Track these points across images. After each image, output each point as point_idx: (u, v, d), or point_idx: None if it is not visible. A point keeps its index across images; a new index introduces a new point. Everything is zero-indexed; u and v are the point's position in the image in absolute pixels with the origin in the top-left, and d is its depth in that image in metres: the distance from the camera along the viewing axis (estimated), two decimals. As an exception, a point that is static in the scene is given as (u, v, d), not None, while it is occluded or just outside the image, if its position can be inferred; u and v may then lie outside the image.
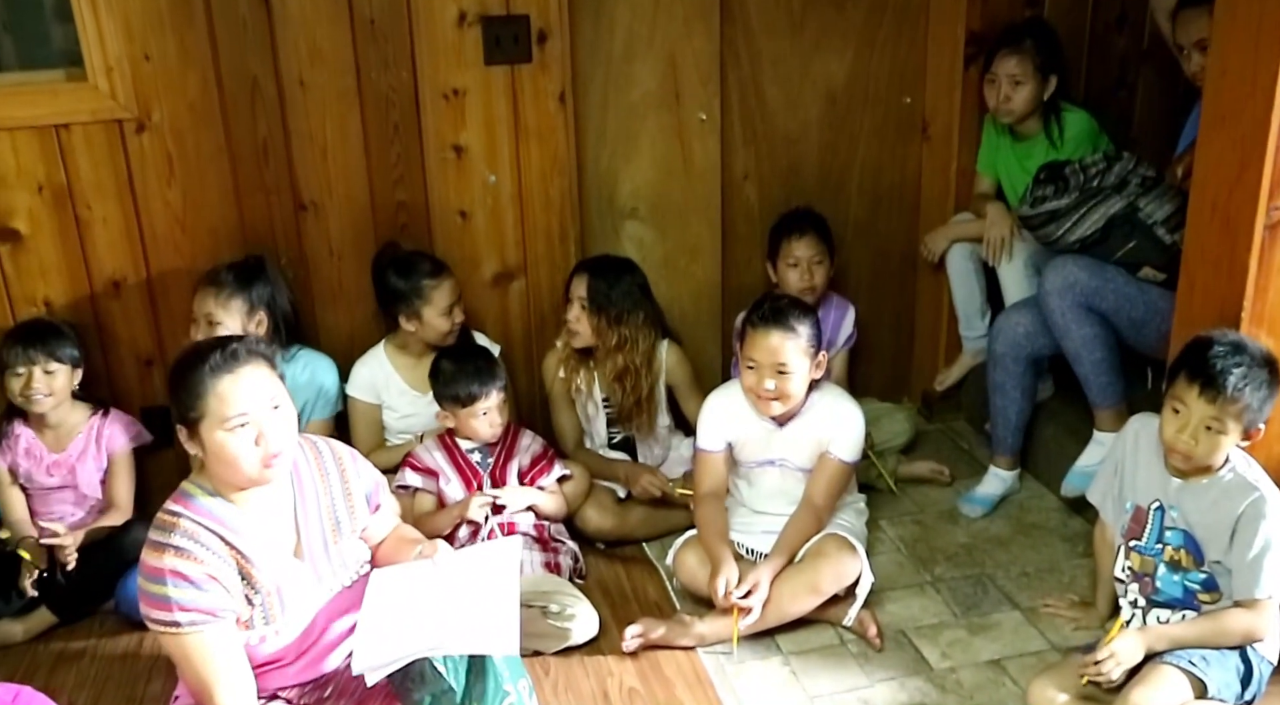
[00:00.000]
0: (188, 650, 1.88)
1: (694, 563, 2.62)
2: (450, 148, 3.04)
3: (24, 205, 2.84)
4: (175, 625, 1.86)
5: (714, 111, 3.24)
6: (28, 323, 2.81)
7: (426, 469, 2.78)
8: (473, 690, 2.04)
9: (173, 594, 1.85)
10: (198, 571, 1.87)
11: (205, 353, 1.91)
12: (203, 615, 1.87)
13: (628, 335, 2.93)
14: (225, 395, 1.88)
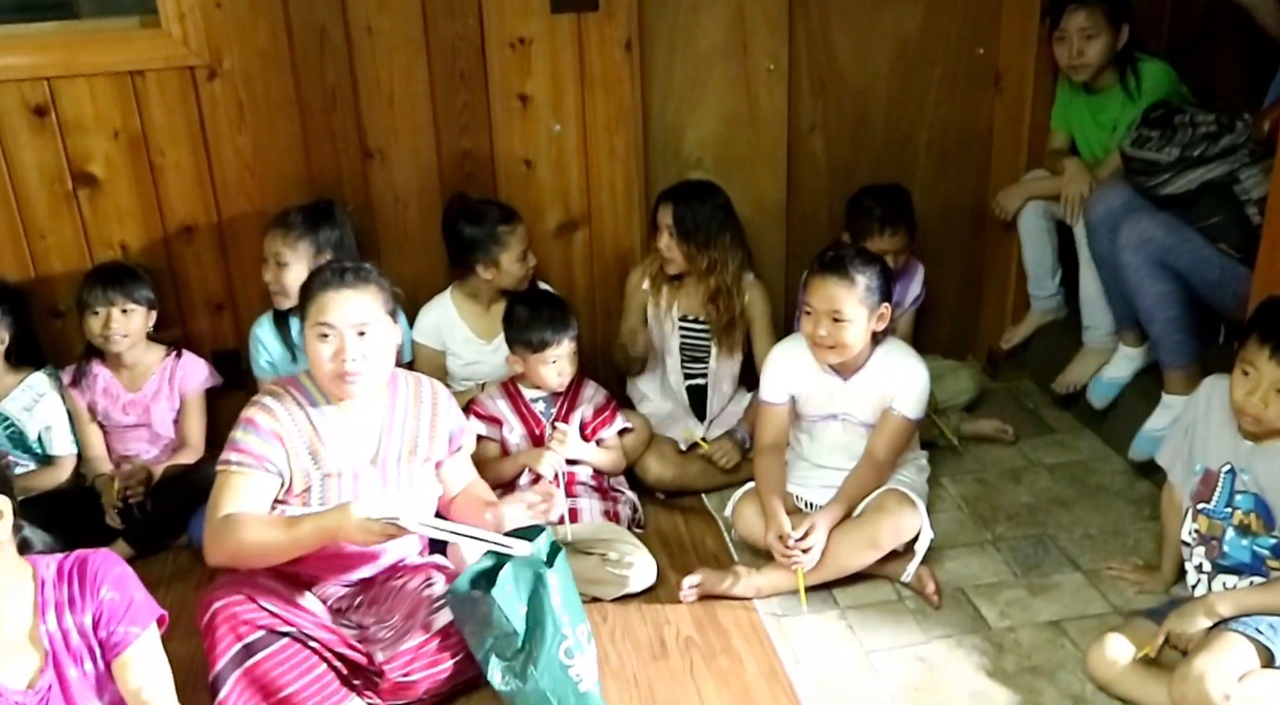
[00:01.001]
0: (224, 486, 2.11)
1: (752, 515, 2.63)
2: (516, 96, 3.04)
3: (101, 151, 2.89)
4: (227, 462, 2.12)
5: (781, 62, 3.19)
6: (106, 265, 2.88)
7: (490, 416, 2.81)
8: (532, 634, 2.09)
9: (239, 436, 2.14)
10: (269, 424, 2.15)
11: (330, 266, 2.23)
12: (253, 460, 2.11)
13: (717, 258, 2.93)
14: (321, 304, 2.15)
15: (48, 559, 1.80)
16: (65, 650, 1.76)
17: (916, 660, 2.35)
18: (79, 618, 1.76)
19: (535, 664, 2.08)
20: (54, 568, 1.79)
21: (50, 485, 2.83)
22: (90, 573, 1.78)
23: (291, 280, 2.78)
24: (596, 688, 2.16)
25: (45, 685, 1.74)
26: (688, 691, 2.28)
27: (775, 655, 2.37)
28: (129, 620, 1.78)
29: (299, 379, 2.25)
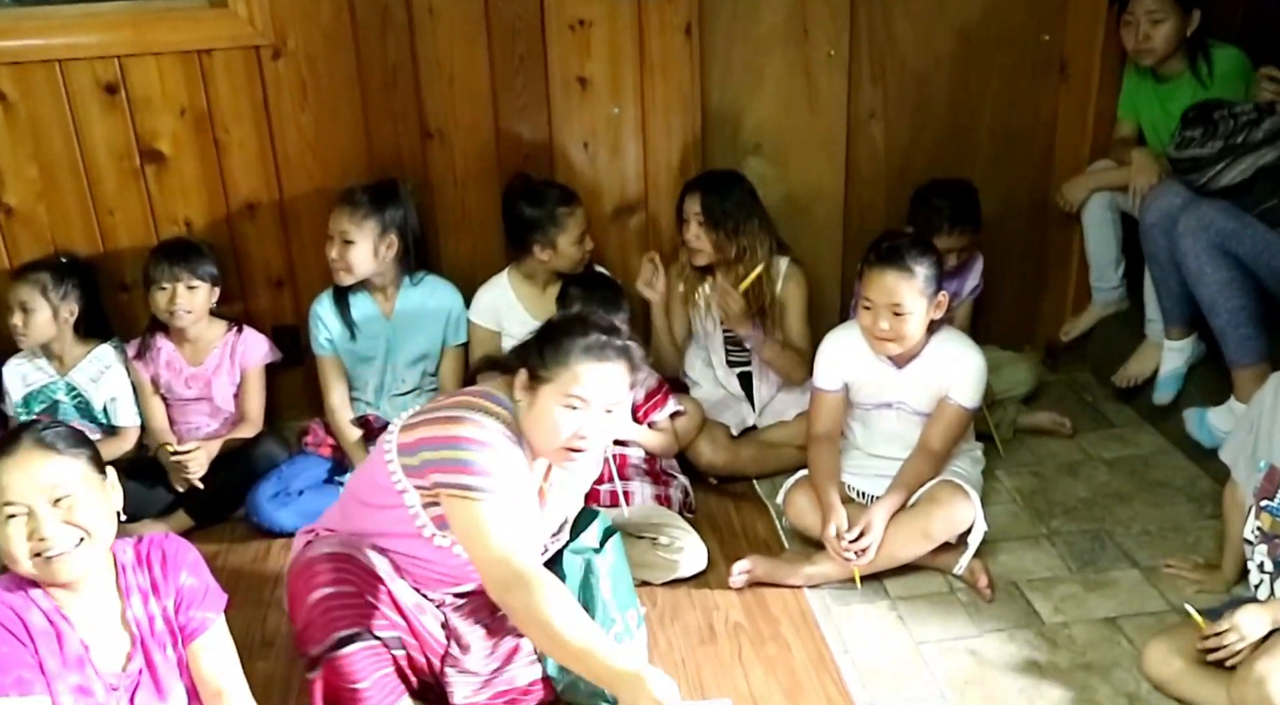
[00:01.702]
0: (482, 518, 1.88)
1: (804, 503, 2.62)
2: (575, 79, 3.04)
3: (167, 128, 2.95)
4: (467, 489, 1.88)
5: (842, 47, 3.16)
6: (172, 241, 2.94)
7: None
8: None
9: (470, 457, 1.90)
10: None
11: (589, 328, 1.96)
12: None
13: (746, 245, 2.91)
14: (580, 376, 1.92)
15: (121, 543, 1.80)
16: (150, 635, 1.78)
17: (967, 653, 2.33)
18: (162, 602, 1.78)
19: None
20: (131, 552, 1.80)
21: (114, 455, 2.88)
22: (170, 559, 1.80)
23: (356, 258, 2.82)
24: None
25: (136, 669, 1.76)
26: (735, 677, 2.28)
27: (824, 643, 2.36)
28: (205, 606, 1.81)
29: (499, 404, 1.99)
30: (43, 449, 1.67)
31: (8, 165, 2.91)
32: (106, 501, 1.74)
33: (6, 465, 1.65)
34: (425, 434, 1.94)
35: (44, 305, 2.80)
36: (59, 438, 1.70)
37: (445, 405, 1.99)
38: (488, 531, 1.86)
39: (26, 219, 2.97)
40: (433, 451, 1.91)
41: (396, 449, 1.98)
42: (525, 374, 1.97)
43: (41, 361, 2.90)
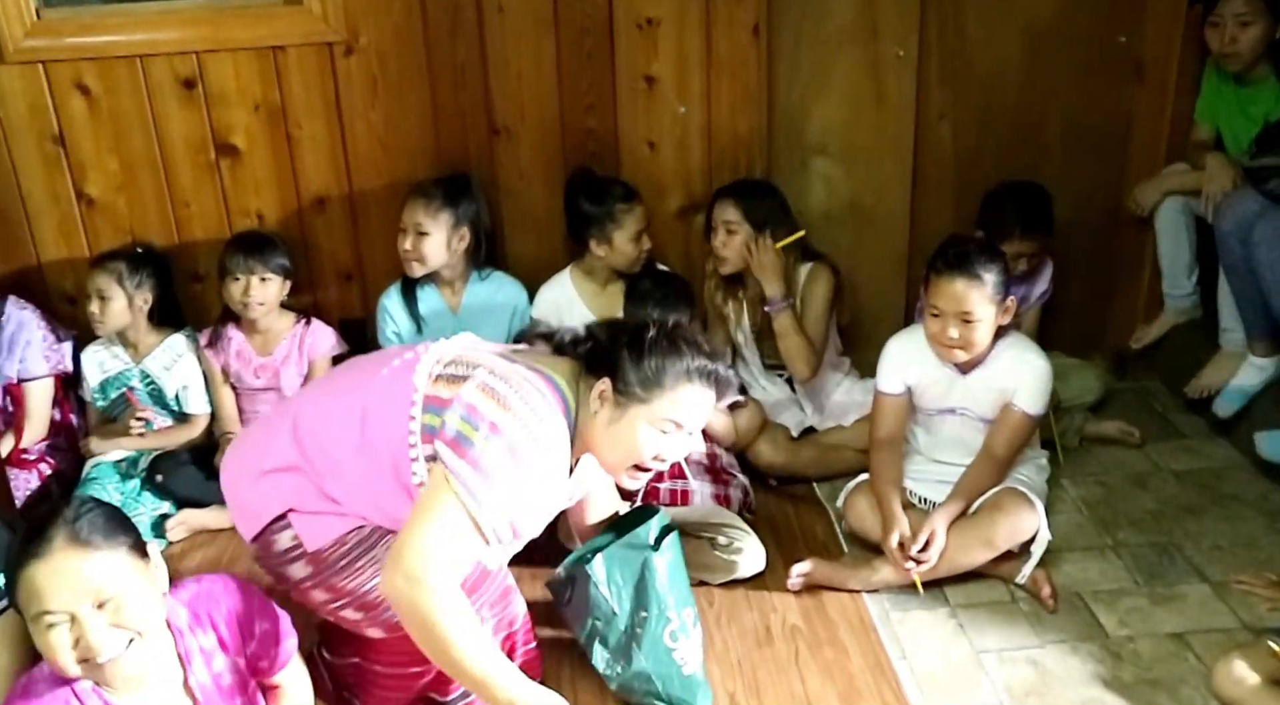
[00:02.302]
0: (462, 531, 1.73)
1: (865, 507, 2.60)
2: (642, 77, 3.04)
3: (242, 123, 3.00)
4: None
5: (911, 47, 3.13)
6: (247, 233, 2.99)
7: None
8: (635, 616, 2.10)
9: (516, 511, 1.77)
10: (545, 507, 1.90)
11: (693, 352, 1.87)
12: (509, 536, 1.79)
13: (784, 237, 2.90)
14: (680, 403, 1.85)
15: (172, 604, 1.66)
16: (217, 694, 1.69)
17: (1028, 664, 2.29)
18: (231, 657, 1.70)
19: (639, 645, 2.10)
20: (185, 615, 1.67)
21: (184, 441, 2.96)
22: (234, 612, 1.70)
23: (429, 249, 2.85)
24: (701, 672, 2.17)
25: None
26: (791, 680, 2.27)
27: (882, 649, 2.34)
28: (284, 638, 1.79)
29: (562, 396, 1.86)
30: (79, 547, 1.48)
31: (90, 158, 3.00)
32: (154, 590, 1.59)
33: (41, 570, 1.47)
34: (478, 404, 1.75)
35: (119, 293, 2.87)
36: (95, 529, 1.51)
37: (513, 384, 1.78)
38: (431, 535, 1.69)
39: (107, 210, 3.05)
40: (469, 427, 1.73)
41: (423, 403, 1.80)
42: (609, 385, 1.85)
43: (117, 349, 2.98)
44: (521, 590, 2.48)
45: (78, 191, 3.04)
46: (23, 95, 2.92)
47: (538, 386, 1.81)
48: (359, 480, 1.84)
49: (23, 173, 2.99)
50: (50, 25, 2.90)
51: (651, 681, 2.11)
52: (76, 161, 3.00)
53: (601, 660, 2.14)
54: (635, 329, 1.92)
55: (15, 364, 2.89)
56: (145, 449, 2.91)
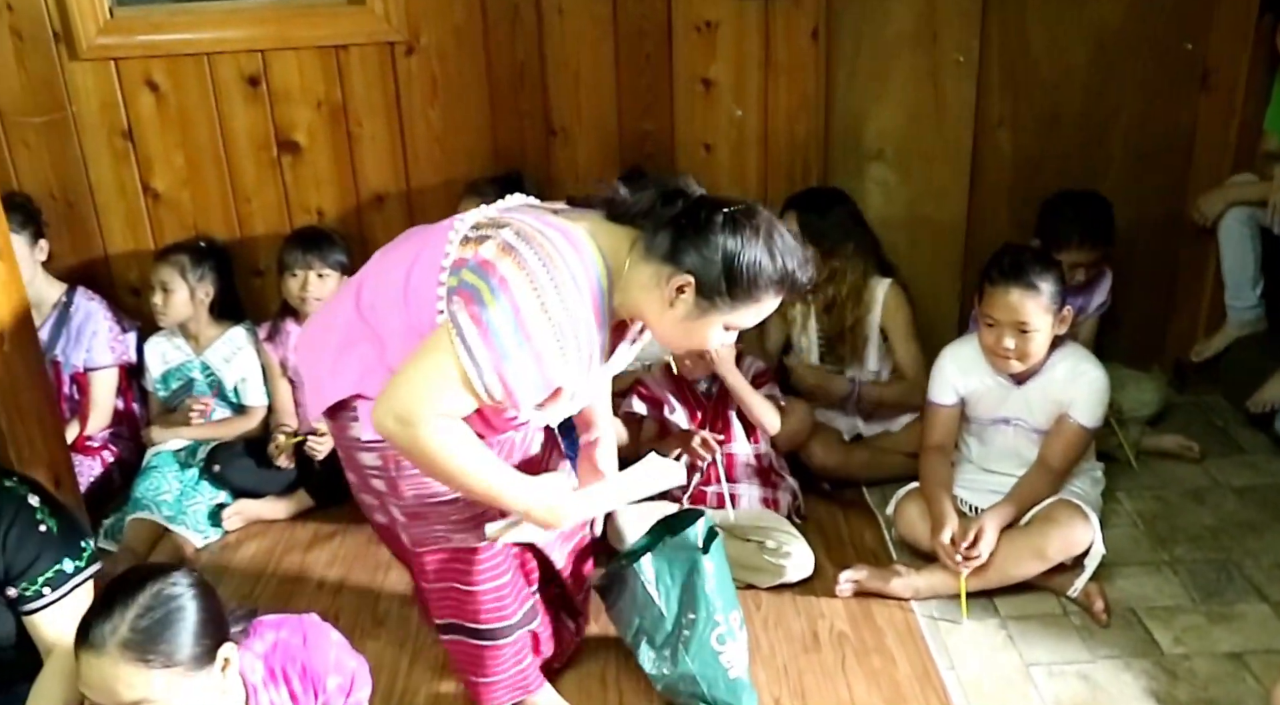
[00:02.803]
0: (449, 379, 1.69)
1: (915, 514, 2.58)
2: (699, 80, 3.05)
3: (304, 120, 3.06)
4: (477, 370, 1.68)
5: (972, 53, 3.10)
6: (306, 229, 3.04)
7: (653, 397, 2.83)
8: (683, 618, 2.10)
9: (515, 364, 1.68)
10: (558, 373, 1.75)
11: (788, 262, 1.73)
12: (502, 396, 1.71)
13: (837, 267, 2.86)
14: (762, 310, 1.77)
15: (250, 660, 1.67)
16: None
17: (1079, 678, 2.26)
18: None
19: (686, 648, 2.11)
20: (261, 669, 1.67)
21: (242, 432, 3.01)
22: (310, 671, 1.70)
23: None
24: (746, 675, 2.17)
25: None
26: (838, 686, 2.26)
27: (929, 658, 2.32)
28: (355, 691, 1.79)
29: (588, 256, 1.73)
30: (129, 659, 1.46)
31: (157, 152, 3.06)
32: (208, 696, 1.55)
33: (91, 663, 1.46)
34: (494, 261, 1.69)
35: (182, 286, 2.93)
36: (150, 639, 1.46)
37: (545, 249, 1.69)
38: (429, 376, 1.68)
39: (172, 203, 3.12)
40: (483, 282, 1.67)
41: (451, 266, 1.74)
42: (692, 285, 1.70)
43: (179, 341, 3.04)
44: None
45: (144, 185, 3.11)
46: (95, 91, 3.00)
47: (563, 251, 1.70)
48: (407, 349, 1.77)
49: (93, 166, 3.07)
50: (122, 23, 2.97)
51: (697, 683, 2.12)
52: (144, 156, 3.07)
53: (648, 660, 2.16)
54: (736, 224, 1.71)
55: (82, 353, 2.96)
56: (204, 439, 2.97)
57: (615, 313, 1.79)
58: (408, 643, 2.41)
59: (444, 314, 1.71)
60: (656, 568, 2.12)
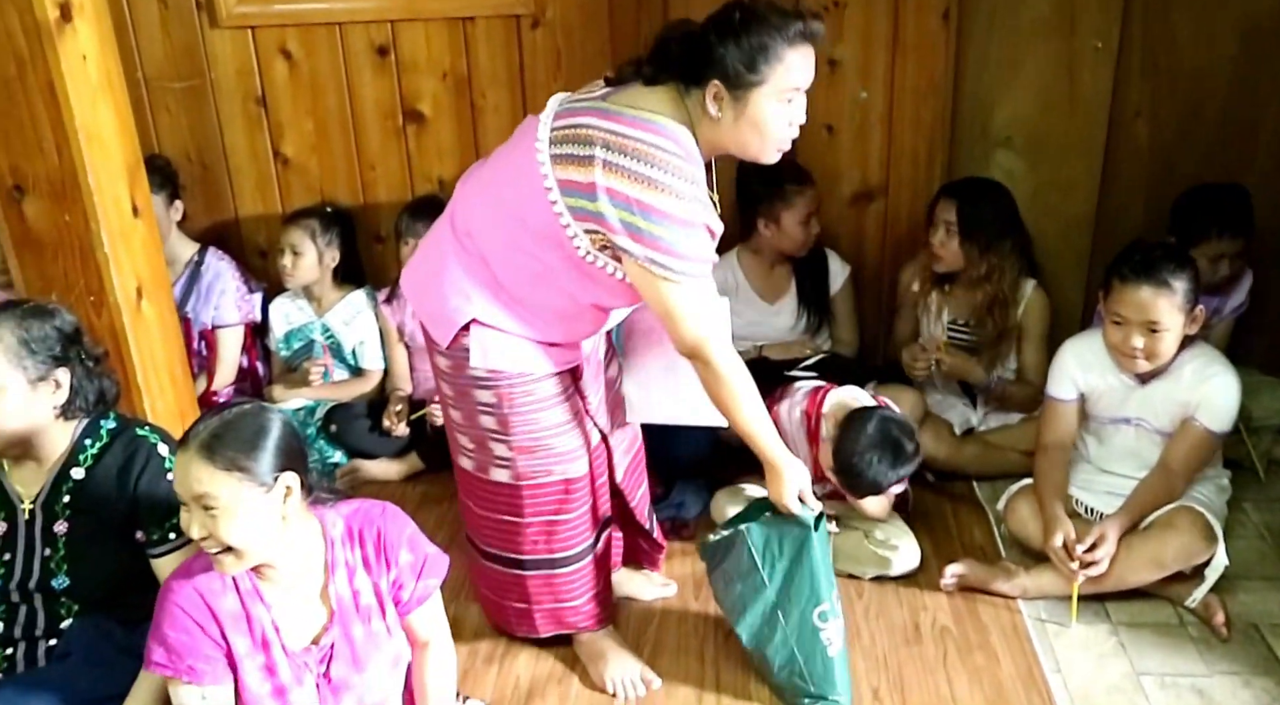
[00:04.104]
0: (687, 299, 1.89)
1: (1027, 513, 2.52)
2: (825, 60, 3.00)
3: (430, 90, 3.11)
4: (684, 274, 1.86)
5: (1111, 40, 2.98)
6: (421, 198, 3.10)
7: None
8: (786, 591, 2.09)
9: (694, 242, 1.86)
10: (711, 220, 1.90)
11: (784, 16, 1.82)
12: (708, 264, 1.92)
13: (996, 264, 2.80)
14: (792, 67, 1.82)
15: (333, 517, 1.77)
16: (354, 610, 1.75)
17: (1193, 692, 2.18)
18: (374, 580, 1.76)
19: (786, 620, 2.09)
20: (342, 528, 1.76)
21: (359, 394, 3.10)
22: (385, 538, 1.77)
23: None
24: (843, 656, 2.14)
25: (329, 643, 1.74)
26: (938, 680, 2.22)
27: (1035, 660, 2.27)
28: (427, 575, 1.81)
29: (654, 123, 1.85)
30: (201, 456, 1.59)
31: (288, 118, 3.15)
32: (268, 516, 1.63)
33: (178, 457, 1.62)
34: (617, 187, 1.81)
35: (310, 249, 3.02)
36: (224, 445, 1.59)
37: (639, 150, 1.81)
38: (682, 314, 1.90)
39: (300, 169, 3.21)
40: (627, 214, 1.82)
41: (559, 187, 1.86)
42: (720, 86, 1.83)
43: (302, 302, 3.14)
44: (671, 566, 2.53)
45: (275, 151, 3.20)
46: (232, 58, 3.10)
47: (648, 139, 1.82)
48: (513, 263, 1.96)
49: (227, 131, 3.17)
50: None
51: (794, 657, 2.10)
52: (276, 122, 3.17)
53: (746, 629, 2.14)
54: (717, 19, 1.88)
55: (211, 311, 3.08)
56: (323, 399, 3.06)
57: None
58: (510, 608, 2.46)
59: (574, 229, 1.87)
60: (766, 537, 2.10)
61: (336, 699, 1.74)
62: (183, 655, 1.65)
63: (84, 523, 1.85)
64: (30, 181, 2.07)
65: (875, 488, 2.40)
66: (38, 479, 1.87)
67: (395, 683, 1.83)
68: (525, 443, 2.07)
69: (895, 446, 2.36)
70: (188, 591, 1.67)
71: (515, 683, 2.25)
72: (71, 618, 1.84)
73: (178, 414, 2.35)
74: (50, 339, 1.80)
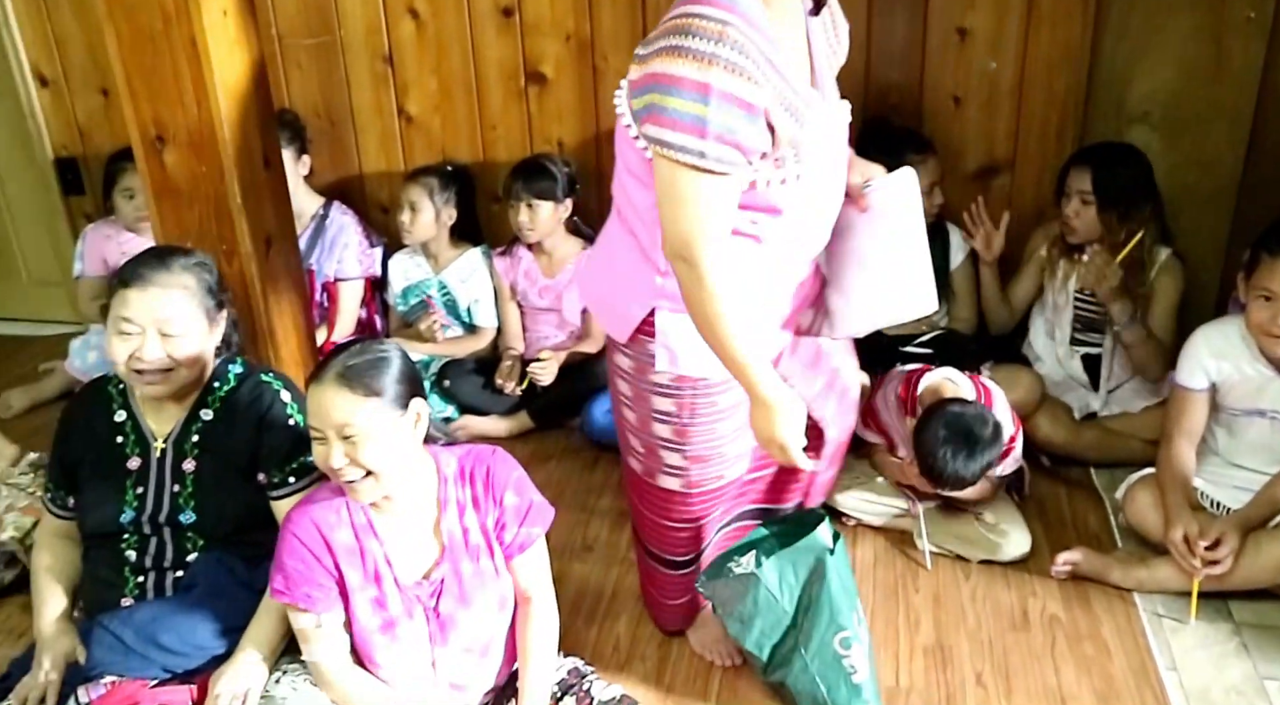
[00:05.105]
0: (695, 190, 1.60)
1: (1147, 503, 2.43)
2: (954, 29, 2.91)
3: (552, 53, 3.12)
4: (699, 155, 1.57)
5: (1266, 9, 2.81)
6: (526, 160, 3.08)
7: (882, 428, 2.71)
8: (804, 618, 1.99)
9: (713, 117, 1.54)
10: (754, 97, 1.56)
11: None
12: (739, 155, 1.59)
13: (1133, 230, 2.69)
14: None
15: (447, 455, 1.83)
16: (463, 547, 1.79)
17: (1320, 699, 2.09)
18: (481, 518, 1.80)
19: (806, 648, 1.99)
20: (455, 466, 1.81)
21: (472, 351, 3.16)
22: (493, 478, 1.81)
23: None
24: (871, 681, 2.02)
25: (439, 578, 1.78)
26: (1045, 668, 2.17)
27: (1149, 655, 2.19)
28: (530, 522, 1.83)
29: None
30: (340, 386, 1.66)
31: (413, 78, 3.20)
32: (403, 439, 1.71)
33: (313, 393, 1.68)
34: (642, 72, 1.58)
35: (429, 206, 3.07)
36: (360, 375, 1.67)
37: (675, 25, 1.55)
38: (675, 199, 1.61)
39: (423, 127, 3.26)
40: (646, 96, 1.58)
41: (628, 91, 1.66)
42: None
43: (420, 259, 3.20)
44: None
45: (399, 108, 3.26)
46: (361, 17, 3.16)
47: (688, 10, 1.55)
48: (650, 217, 1.73)
49: (354, 88, 3.24)
50: (391, -50, 3.11)
51: (816, 684, 1.99)
52: (401, 81, 3.22)
53: (765, 662, 2.05)
54: None
55: (334, 264, 3.16)
56: (437, 355, 3.13)
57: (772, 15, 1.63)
58: (613, 567, 2.48)
59: (646, 146, 1.64)
60: (779, 570, 2.00)
61: (444, 635, 1.79)
62: (299, 583, 1.72)
63: (210, 462, 1.93)
64: (171, 132, 2.15)
65: (960, 482, 2.32)
66: (171, 418, 1.95)
67: (501, 625, 1.87)
68: (701, 452, 1.96)
69: (968, 437, 2.28)
70: (305, 523, 1.74)
71: (615, 644, 2.27)
72: (197, 551, 1.92)
73: (299, 362, 2.43)
74: (215, 283, 1.95)
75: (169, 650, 1.81)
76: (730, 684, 2.16)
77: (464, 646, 1.81)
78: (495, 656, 1.87)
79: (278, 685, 1.80)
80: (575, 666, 1.97)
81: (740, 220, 1.71)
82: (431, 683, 1.81)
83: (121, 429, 1.96)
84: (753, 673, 2.14)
